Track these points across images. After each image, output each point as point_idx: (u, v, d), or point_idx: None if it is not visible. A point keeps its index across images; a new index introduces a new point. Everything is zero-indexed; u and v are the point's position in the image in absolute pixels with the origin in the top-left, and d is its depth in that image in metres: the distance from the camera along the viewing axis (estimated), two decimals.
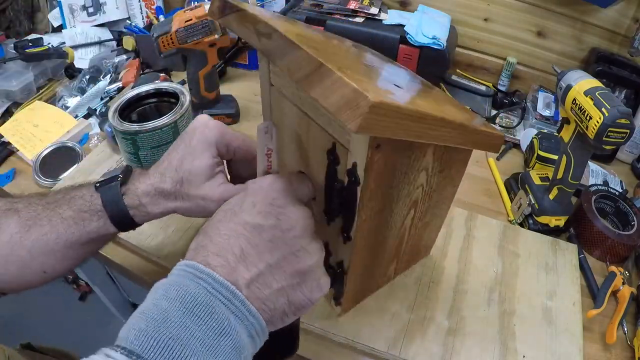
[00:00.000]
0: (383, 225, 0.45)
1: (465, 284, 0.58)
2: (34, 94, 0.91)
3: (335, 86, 0.29)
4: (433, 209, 0.51)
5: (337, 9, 0.92)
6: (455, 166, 0.48)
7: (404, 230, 0.49)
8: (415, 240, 0.54)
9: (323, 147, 0.40)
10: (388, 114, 0.29)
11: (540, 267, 0.61)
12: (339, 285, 0.50)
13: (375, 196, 0.40)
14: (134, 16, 1.08)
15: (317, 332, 0.53)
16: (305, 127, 0.41)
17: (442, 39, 0.84)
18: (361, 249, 0.45)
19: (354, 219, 0.41)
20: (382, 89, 0.35)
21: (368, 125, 0.28)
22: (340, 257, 0.46)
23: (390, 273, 0.56)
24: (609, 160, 0.86)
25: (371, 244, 0.46)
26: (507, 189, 0.77)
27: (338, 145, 0.38)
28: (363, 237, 0.43)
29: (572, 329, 0.54)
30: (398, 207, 0.44)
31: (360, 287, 0.53)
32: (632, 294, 0.59)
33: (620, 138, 0.54)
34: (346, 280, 0.48)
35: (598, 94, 0.55)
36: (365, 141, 0.34)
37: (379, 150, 0.35)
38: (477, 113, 0.89)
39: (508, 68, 0.96)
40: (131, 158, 0.63)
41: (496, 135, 0.45)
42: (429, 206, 0.50)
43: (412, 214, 0.48)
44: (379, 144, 0.34)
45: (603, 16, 0.86)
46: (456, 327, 0.54)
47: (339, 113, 0.28)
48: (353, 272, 0.47)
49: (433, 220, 0.54)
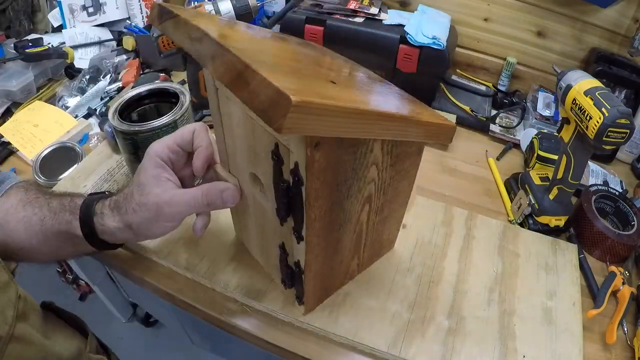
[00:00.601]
0: (335, 222, 0.45)
1: (465, 284, 0.58)
2: (34, 94, 0.91)
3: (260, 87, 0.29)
4: (390, 204, 0.52)
5: (337, 9, 0.92)
6: (409, 159, 0.48)
7: (361, 226, 0.49)
8: (376, 236, 0.55)
9: (267, 148, 0.40)
10: (315, 112, 0.29)
11: (540, 267, 0.61)
12: (298, 285, 0.49)
13: (322, 194, 0.39)
14: (134, 16, 1.08)
15: (317, 332, 0.53)
16: (251, 128, 0.41)
17: (442, 39, 0.84)
18: (315, 247, 0.44)
19: (303, 219, 0.40)
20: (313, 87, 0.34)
21: (293, 125, 0.27)
22: (296, 257, 0.46)
23: (352, 270, 0.56)
24: (609, 160, 0.86)
25: (326, 242, 0.46)
26: (507, 189, 0.77)
27: (280, 146, 0.38)
28: (315, 235, 0.43)
29: (572, 329, 0.54)
30: (350, 203, 0.44)
31: (322, 285, 0.52)
32: (632, 294, 0.59)
33: (620, 138, 0.54)
34: (305, 280, 0.47)
35: (598, 94, 0.55)
36: (302, 140, 0.34)
37: (318, 148, 0.34)
38: (476, 113, 0.89)
39: (508, 68, 0.96)
40: (131, 158, 0.63)
41: (446, 125, 0.44)
42: (385, 201, 0.50)
43: (367, 209, 0.48)
44: (317, 142, 0.34)
45: (603, 16, 0.86)
46: (456, 327, 0.54)
47: (264, 115, 0.28)
48: (310, 270, 0.47)
49: (392, 214, 0.54)
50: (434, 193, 0.75)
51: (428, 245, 0.63)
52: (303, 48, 0.54)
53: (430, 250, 0.62)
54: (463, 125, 0.90)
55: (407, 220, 0.66)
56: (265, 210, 0.47)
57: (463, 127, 0.90)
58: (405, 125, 0.39)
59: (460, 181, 0.78)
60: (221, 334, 0.58)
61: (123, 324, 1.43)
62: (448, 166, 0.81)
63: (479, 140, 0.88)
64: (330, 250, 0.48)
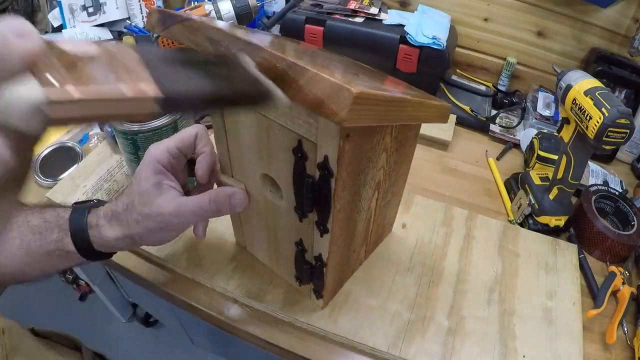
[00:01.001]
0: (354, 211, 0.45)
1: (465, 284, 0.58)
2: None
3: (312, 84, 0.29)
4: (392, 188, 0.53)
5: (337, 9, 0.92)
6: (409, 143, 0.50)
7: (371, 212, 0.50)
8: (380, 221, 0.56)
9: (287, 146, 0.39)
10: (368, 103, 0.30)
11: (540, 267, 0.61)
12: (319, 279, 0.50)
13: (347, 185, 0.40)
14: (134, 16, 1.08)
15: (317, 332, 0.53)
16: (265, 128, 0.40)
17: (442, 39, 0.84)
18: (338, 239, 0.45)
19: (330, 211, 0.40)
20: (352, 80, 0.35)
21: (354, 116, 0.29)
22: (317, 251, 0.46)
23: (361, 257, 0.57)
24: (609, 160, 0.86)
25: (346, 232, 0.46)
26: (507, 189, 0.77)
27: (304, 142, 0.38)
28: (339, 227, 0.43)
29: (572, 329, 0.54)
30: (365, 191, 0.45)
31: (339, 276, 0.53)
32: (632, 294, 0.59)
33: (620, 138, 0.54)
34: (326, 272, 0.48)
35: (598, 94, 0.55)
36: (336, 133, 0.34)
37: (349, 139, 0.35)
38: (476, 113, 0.89)
39: (508, 68, 0.96)
40: (131, 158, 0.63)
41: (444, 106, 0.46)
42: (389, 185, 0.51)
43: (376, 196, 0.49)
44: (348, 134, 0.34)
45: (603, 16, 0.86)
46: (456, 327, 0.54)
47: (322, 110, 0.29)
48: (332, 262, 0.47)
49: (393, 199, 0.56)
50: (434, 193, 0.75)
51: (428, 245, 0.63)
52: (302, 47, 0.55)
53: (430, 250, 0.62)
54: (463, 125, 0.90)
55: (407, 220, 0.66)
56: (278, 210, 0.47)
57: (463, 127, 0.90)
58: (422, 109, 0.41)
59: (460, 181, 0.78)
60: (221, 334, 0.58)
61: (123, 324, 1.43)
62: (448, 166, 0.82)
63: (479, 140, 0.88)
64: (348, 239, 0.49)
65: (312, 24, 0.89)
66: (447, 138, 0.84)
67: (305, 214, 0.44)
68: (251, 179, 0.47)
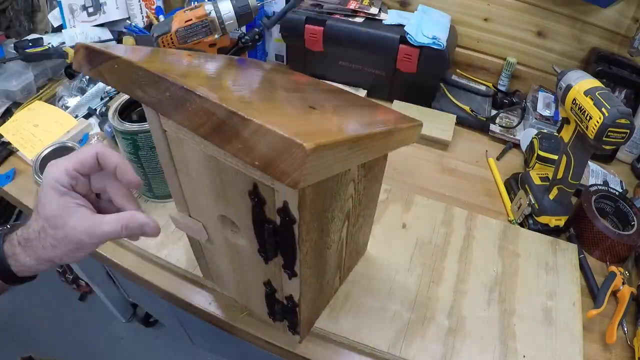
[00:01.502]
0: (324, 247, 0.43)
1: (465, 284, 0.58)
2: (34, 94, 0.91)
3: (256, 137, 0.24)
4: (364, 211, 0.51)
5: (337, 9, 0.92)
6: (377, 165, 0.48)
7: (342, 242, 0.48)
8: (353, 246, 0.54)
9: (242, 189, 0.36)
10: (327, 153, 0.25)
11: (540, 267, 0.61)
12: (291, 317, 0.48)
13: (312, 227, 0.37)
14: (134, 16, 1.08)
15: (317, 332, 0.53)
16: (216, 170, 0.37)
17: (442, 39, 0.84)
18: (308, 279, 0.42)
19: (296, 256, 0.37)
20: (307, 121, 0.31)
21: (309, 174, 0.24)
22: (287, 292, 0.44)
23: (336, 285, 0.55)
24: (609, 160, 0.86)
25: (316, 270, 0.44)
26: (507, 189, 0.77)
27: (260, 185, 0.34)
28: (307, 267, 0.41)
29: (572, 329, 0.54)
30: (334, 224, 0.43)
31: (313, 310, 0.51)
32: (632, 294, 0.59)
33: (620, 138, 0.54)
34: (300, 312, 0.46)
35: (598, 94, 0.55)
36: None
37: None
38: (476, 113, 0.89)
39: (508, 68, 0.96)
40: (131, 158, 0.63)
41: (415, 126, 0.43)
42: (360, 210, 0.49)
43: (346, 225, 0.47)
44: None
45: (603, 16, 0.86)
46: (456, 327, 0.54)
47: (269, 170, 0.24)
48: (305, 301, 0.45)
49: (366, 220, 0.54)
50: (434, 193, 0.75)
51: (428, 245, 0.63)
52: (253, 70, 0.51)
53: (430, 250, 0.62)
54: (463, 125, 0.90)
55: (407, 220, 0.66)
56: (242, 250, 0.44)
57: (463, 127, 0.90)
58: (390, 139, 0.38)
59: (460, 181, 0.78)
60: (221, 334, 0.58)
61: (123, 324, 1.43)
62: (448, 166, 0.82)
63: (479, 140, 0.88)
64: (320, 276, 0.47)
65: (312, 24, 0.89)
66: (447, 138, 0.84)
67: (270, 257, 0.41)
68: (209, 219, 0.44)
